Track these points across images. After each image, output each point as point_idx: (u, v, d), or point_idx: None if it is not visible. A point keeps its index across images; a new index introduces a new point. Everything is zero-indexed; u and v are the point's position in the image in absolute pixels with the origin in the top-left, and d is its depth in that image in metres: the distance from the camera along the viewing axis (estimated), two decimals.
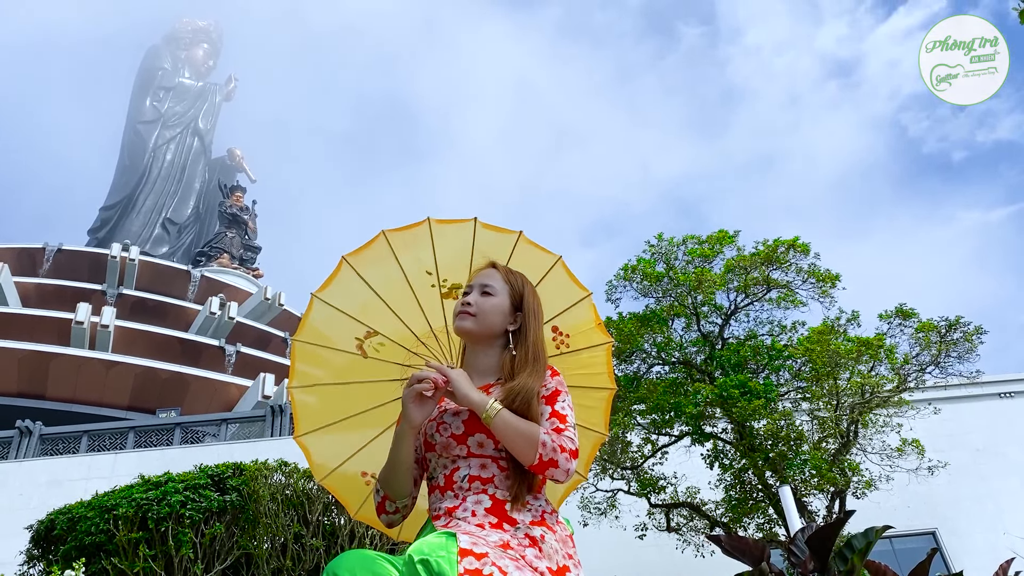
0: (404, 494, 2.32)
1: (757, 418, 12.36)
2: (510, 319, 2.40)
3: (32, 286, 33.24)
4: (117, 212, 48.87)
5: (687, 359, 14.10)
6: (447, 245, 2.66)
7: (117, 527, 2.89)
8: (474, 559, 1.85)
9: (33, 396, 27.02)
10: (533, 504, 2.19)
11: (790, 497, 8.53)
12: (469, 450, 2.21)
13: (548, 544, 2.06)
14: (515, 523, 2.09)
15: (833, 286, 13.42)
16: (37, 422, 19.71)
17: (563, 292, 2.70)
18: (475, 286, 2.43)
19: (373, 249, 2.66)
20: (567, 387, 2.34)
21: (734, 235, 14.06)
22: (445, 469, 2.24)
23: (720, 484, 13.70)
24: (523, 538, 2.05)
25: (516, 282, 2.46)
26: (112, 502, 2.97)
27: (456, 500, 2.16)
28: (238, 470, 3.06)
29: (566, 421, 2.19)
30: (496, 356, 2.40)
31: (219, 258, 43.48)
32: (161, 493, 2.94)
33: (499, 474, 2.18)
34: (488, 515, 2.09)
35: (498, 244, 2.65)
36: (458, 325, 2.39)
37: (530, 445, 2.09)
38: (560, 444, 2.11)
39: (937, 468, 12.98)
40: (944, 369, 13.01)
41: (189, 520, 2.83)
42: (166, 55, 57.38)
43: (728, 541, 3.53)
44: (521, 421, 2.13)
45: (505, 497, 2.14)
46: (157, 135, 51.70)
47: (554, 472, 2.10)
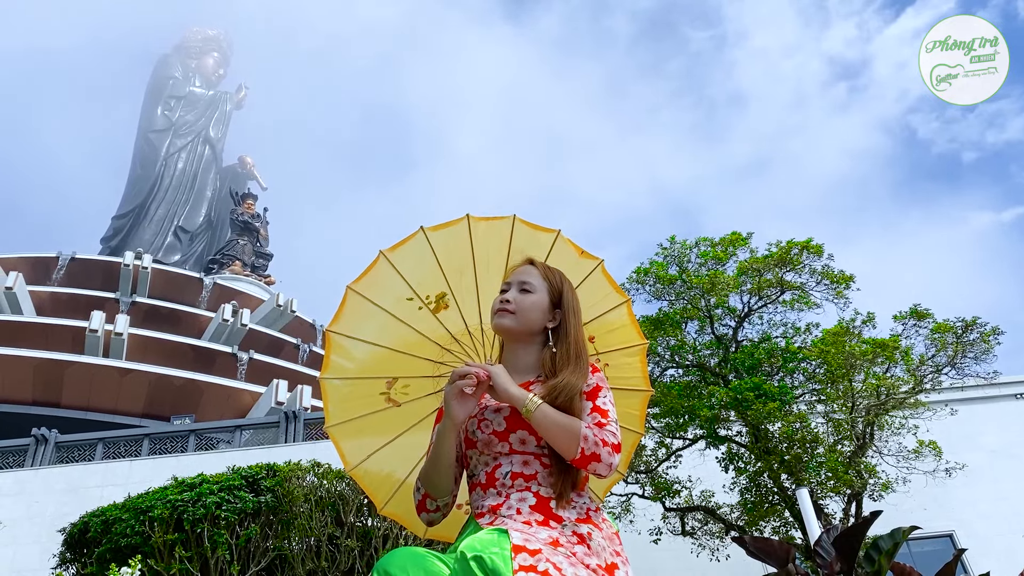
0: (445, 492, 2.30)
1: (772, 420, 12.31)
2: (549, 316, 2.38)
3: (46, 295, 33.43)
4: (129, 221, 49.13)
5: (701, 362, 14.07)
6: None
7: (153, 529, 2.90)
8: (528, 555, 1.84)
9: (48, 404, 27.15)
10: (577, 501, 2.16)
11: (808, 500, 8.51)
12: (511, 447, 2.19)
13: (596, 541, 2.04)
14: (561, 520, 2.07)
15: (847, 287, 13.37)
16: (53, 430, 19.79)
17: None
18: (513, 283, 2.41)
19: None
20: None
21: (747, 237, 14.01)
22: (487, 466, 2.22)
23: (735, 487, 13.65)
24: (571, 535, 2.03)
25: (555, 279, 2.43)
26: (147, 504, 2.97)
27: (500, 497, 2.14)
28: (271, 471, 3.06)
29: (608, 416, 2.17)
30: (535, 354, 2.37)
31: (231, 265, 43.61)
32: (196, 494, 2.94)
33: (542, 471, 2.16)
34: (534, 512, 2.07)
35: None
36: (497, 322, 2.36)
37: (572, 439, 2.08)
38: (602, 438, 2.09)
39: (954, 470, 12.91)
40: (960, 370, 12.94)
41: (224, 521, 2.83)
42: (176, 64, 57.68)
43: (753, 543, 3.51)
44: (562, 415, 2.11)
45: (549, 494, 2.12)
46: (168, 144, 51.97)
47: (596, 466, 2.08)
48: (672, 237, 14.17)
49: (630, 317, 2.72)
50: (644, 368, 2.75)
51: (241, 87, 58.87)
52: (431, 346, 2.71)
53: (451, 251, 2.66)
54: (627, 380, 2.75)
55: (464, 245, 2.64)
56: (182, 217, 49.52)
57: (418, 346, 2.70)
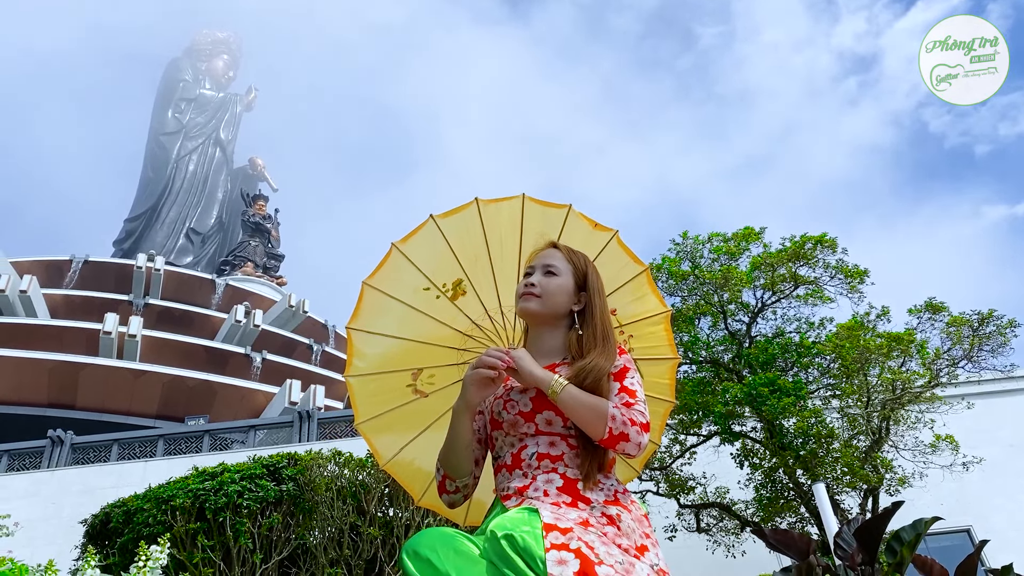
0: (464, 473, 2.28)
1: (787, 416, 12.25)
2: (575, 299, 2.35)
3: (60, 297, 33.62)
4: (142, 223, 49.35)
5: (715, 358, 14.01)
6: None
7: (175, 518, 2.89)
8: (559, 533, 1.82)
9: (63, 406, 27.30)
10: (605, 483, 2.14)
11: (824, 494, 8.44)
12: (537, 428, 2.17)
13: (625, 523, 2.02)
14: (589, 502, 2.05)
15: (861, 282, 13.28)
16: (68, 431, 19.91)
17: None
18: (537, 267, 2.38)
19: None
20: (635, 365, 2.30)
21: (760, 232, 13.94)
22: (512, 447, 2.20)
23: (750, 483, 13.58)
24: (600, 516, 2.01)
25: (579, 261, 2.41)
26: (168, 493, 2.98)
27: (526, 479, 2.11)
28: (293, 460, 3.06)
29: (636, 396, 2.14)
30: (561, 337, 2.35)
31: (243, 267, 43.76)
32: (218, 483, 2.94)
33: (568, 452, 2.13)
34: (561, 494, 2.04)
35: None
36: (522, 306, 2.34)
37: (599, 418, 2.05)
38: (630, 417, 2.06)
39: (971, 464, 12.81)
40: (977, 363, 12.83)
41: (246, 510, 2.83)
42: (187, 67, 57.88)
43: (773, 535, 3.49)
44: (589, 395, 2.09)
45: (576, 476, 2.09)
46: (179, 146, 52.18)
47: (625, 446, 2.05)
48: (684, 233, 14.12)
49: (650, 286, 2.69)
50: (670, 335, 2.72)
51: (251, 89, 59.05)
52: (453, 334, 2.69)
53: (463, 236, 2.64)
54: (654, 349, 2.72)
55: (475, 229, 2.62)
56: (194, 219, 49.71)
57: (439, 335, 2.68)
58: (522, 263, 2.61)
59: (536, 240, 2.54)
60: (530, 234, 2.61)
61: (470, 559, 1.85)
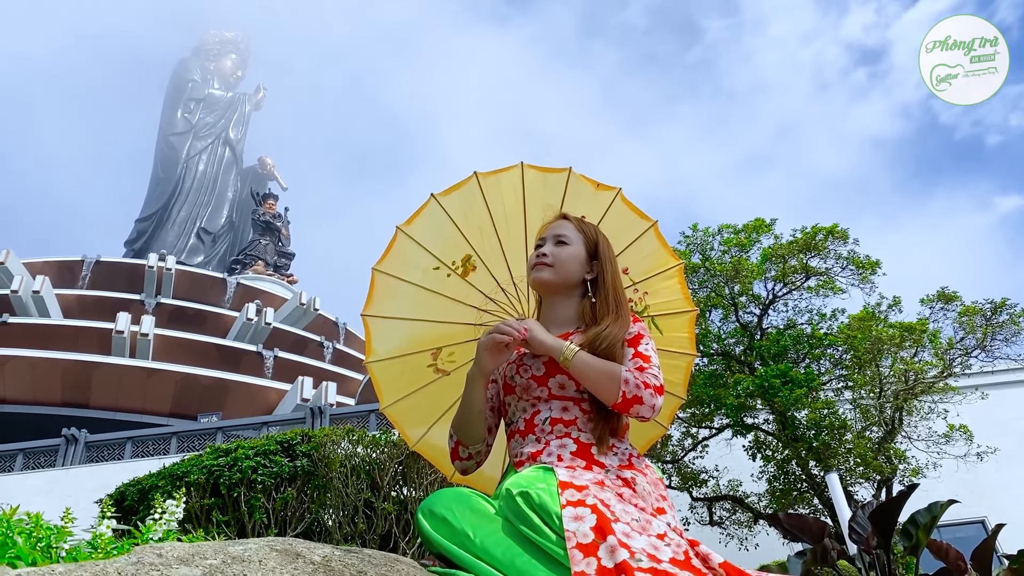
0: (477, 439, 2.28)
1: (799, 408, 12.20)
2: (587, 268, 2.35)
3: (73, 298, 33.81)
4: (152, 223, 49.55)
5: (726, 350, 13.96)
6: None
7: (189, 494, 2.92)
8: (575, 491, 1.82)
9: (77, 405, 27.48)
10: (619, 447, 2.14)
11: (838, 484, 8.42)
12: (550, 392, 2.17)
13: (641, 486, 2.01)
14: (604, 466, 2.04)
15: (873, 272, 13.20)
16: (82, 430, 20.04)
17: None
18: (548, 238, 2.38)
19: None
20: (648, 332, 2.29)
21: (771, 223, 13.87)
22: (525, 412, 2.20)
23: (763, 476, 13.55)
24: (615, 479, 2.01)
25: (589, 230, 2.41)
26: (183, 470, 3.00)
27: (539, 444, 2.11)
28: (307, 437, 3.08)
29: (650, 361, 2.13)
30: (574, 306, 2.35)
31: (254, 265, 43.90)
32: (232, 460, 2.96)
33: (581, 416, 2.13)
34: (575, 458, 2.04)
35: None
36: (535, 276, 2.34)
37: (612, 382, 2.04)
38: (643, 380, 2.05)
39: (985, 454, 12.74)
40: (990, 353, 12.76)
41: (260, 486, 2.85)
42: (195, 67, 58.01)
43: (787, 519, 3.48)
44: (601, 360, 2.08)
45: (589, 440, 2.09)
46: (189, 146, 52.33)
47: (639, 408, 2.04)
48: (694, 225, 14.06)
49: (660, 240, 2.67)
50: (684, 288, 2.69)
51: (259, 88, 59.12)
52: (467, 309, 2.69)
53: (466, 211, 2.63)
54: (670, 303, 2.70)
55: (478, 203, 2.61)
56: (204, 218, 49.87)
57: (455, 312, 2.68)
58: (529, 231, 2.62)
59: (540, 207, 2.54)
60: (533, 202, 2.61)
61: (486, 517, 1.86)
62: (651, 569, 1.57)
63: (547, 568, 1.69)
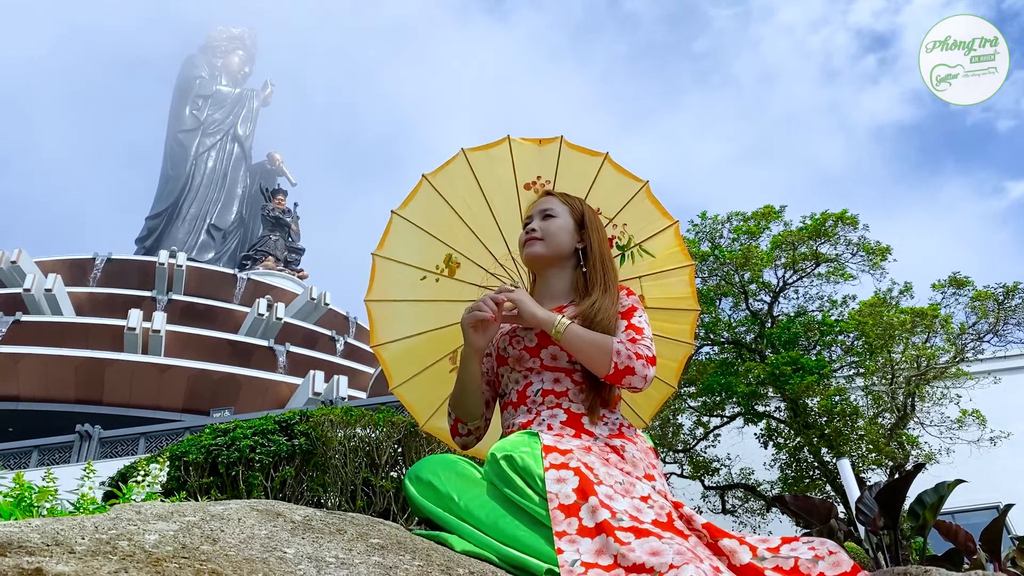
0: (475, 416, 2.30)
1: (810, 395, 12.18)
2: (577, 237, 2.38)
3: (85, 295, 33.99)
4: (163, 221, 49.69)
5: (736, 338, 13.93)
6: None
7: (188, 474, 2.94)
8: (559, 454, 1.83)
9: (91, 402, 27.64)
10: (610, 418, 2.15)
11: (849, 470, 8.40)
12: (542, 363, 2.19)
13: (630, 454, 2.03)
14: (593, 435, 2.06)
15: (884, 258, 13.14)
16: (96, 426, 20.18)
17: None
18: (535, 214, 2.41)
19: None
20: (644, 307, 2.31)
21: (780, 210, 13.82)
22: (517, 384, 2.21)
23: (775, 463, 13.53)
24: (604, 447, 2.02)
25: (574, 202, 2.45)
26: (182, 450, 3.02)
27: (530, 415, 2.12)
28: (305, 416, 3.10)
29: (643, 333, 2.14)
30: (568, 278, 2.37)
31: (264, 261, 44.03)
32: (230, 439, 2.97)
33: (573, 388, 2.14)
34: (565, 427, 2.05)
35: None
36: (528, 252, 2.36)
37: (604, 354, 2.05)
38: (635, 351, 2.06)
39: (999, 439, 12.68)
40: (1003, 337, 12.69)
41: (259, 464, 2.87)
42: (203, 64, 58.05)
43: (794, 501, 3.48)
44: (592, 332, 2.09)
45: (580, 410, 2.11)
46: (198, 143, 52.42)
47: (631, 379, 2.05)
48: (703, 213, 14.02)
49: (652, 201, 2.65)
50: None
51: (267, 84, 59.16)
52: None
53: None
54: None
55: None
56: (214, 215, 50.00)
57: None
58: (523, 205, 2.62)
59: (533, 178, 2.56)
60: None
61: (471, 481, 1.89)
62: (632, 528, 1.57)
63: (529, 528, 1.71)
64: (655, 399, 2.79)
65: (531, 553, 1.65)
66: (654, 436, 14.08)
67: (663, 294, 2.69)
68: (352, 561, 1.12)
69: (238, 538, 1.10)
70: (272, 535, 1.16)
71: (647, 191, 2.63)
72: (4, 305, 30.68)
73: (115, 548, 0.93)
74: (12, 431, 26.59)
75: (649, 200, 2.64)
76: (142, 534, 1.02)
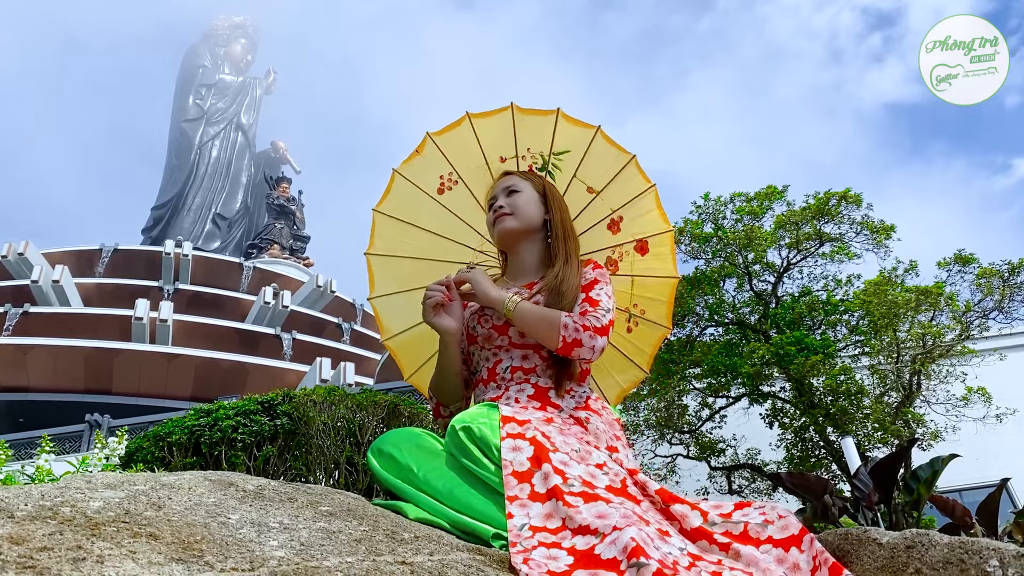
0: (455, 398, 2.35)
1: (815, 374, 12.15)
2: (543, 209, 2.45)
3: (92, 286, 34.11)
4: (168, 210, 49.77)
5: (741, 319, 13.90)
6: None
7: (172, 453, 2.96)
8: (516, 425, 1.87)
9: (100, 391, 27.78)
10: (576, 391, 2.20)
11: (852, 448, 8.40)
12: (511, 341, 2.23)
13: (594, 425, 2.08)
14: (559, 408, 2.12)
15: (888, 237, 13.09)
16: (105, 415, 20.31)
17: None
18: (498, 193, 2.47)
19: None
20: (609, 278, 2.33)
21: (783, 190, 13.75)
22: (488, 362, 2.27)
23: (781, 443, 13.54)
24: (567, 418, 2.07)
25: (534, 176, 2.52)
26: (166, 431, 3.05)
27: (499, 390, 2.18)
28: (288, 397, 3.12)
29: (598, 305, 2.18)
30: (537, 252, 2.43)
31: (270, 249, 44.09)
32: (213, 419, 3.00)
33: (541, 364, 2.20)
34: (531, 401, 2.11)
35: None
36: (500, 228, 2.41)
37: (552, 328, 2.10)
38: (583, 324, 2.10)
39: (1005, 416, 12.65)
40: (1008, 314, 12.64)
41: (241, 444, 2.89)
42: (205, 53, 57.93)
43: (789, 478, 3.48)
44: (541, 308, 2.15)
45: (548, 384, 2.16)
46: (202, 132, 52.40)
47: (580, 351, 2.10)
48: (706, 194, 13.95)
49: (638, 168, 2.65)
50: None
51: (269, 72, 59.00)
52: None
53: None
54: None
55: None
56: (219, 204, 50.04)
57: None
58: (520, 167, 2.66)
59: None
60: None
61: (432, 453, 1.92)
62: (582, 493, 1.60)
63: (484, 496, 1.75)
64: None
65: (483, 519, 1.69)
66: (659, 418, 14.11)
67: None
68: (295, 526, 1.13)
69: (184, 505, 1.12)
70: (220, 503, 1.17)
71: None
72: (12, 297, 30.80)
73: (56, 514, 0.94)
74: (23, 422, 26.80)
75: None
76: (87, 501, 1.03)
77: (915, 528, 1.52)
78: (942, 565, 1.15)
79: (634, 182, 2.61)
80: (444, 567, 1.10)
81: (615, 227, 2.63)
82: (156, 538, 0.93)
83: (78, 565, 0.78)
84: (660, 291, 2.66)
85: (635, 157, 2.60)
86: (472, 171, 2.66)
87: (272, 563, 0.91)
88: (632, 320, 2.67)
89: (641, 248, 2.63)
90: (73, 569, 0.77)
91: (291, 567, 0.91)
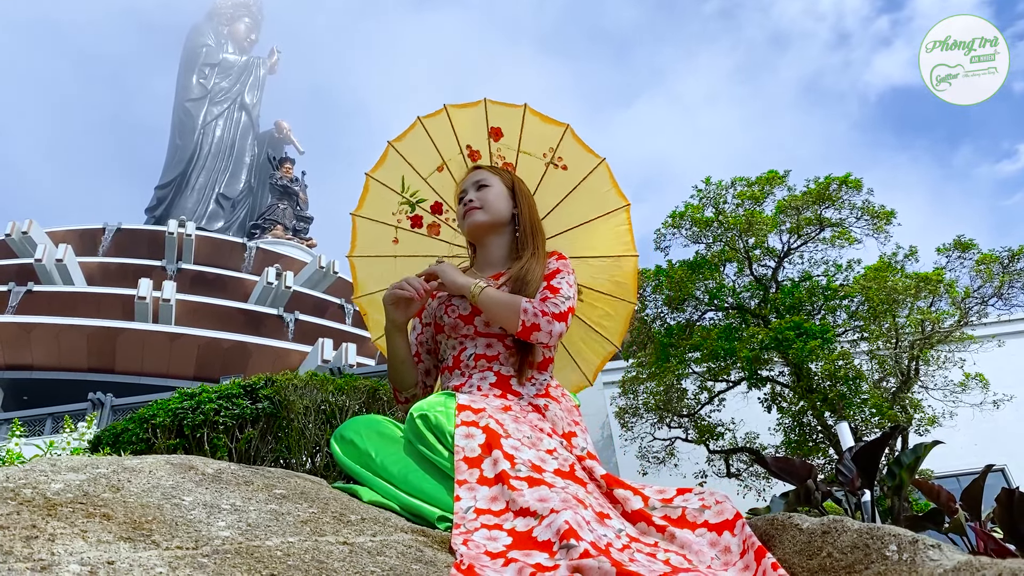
0: (410, 384, 2.41)
1: (814, 359, 12.18)
2: (512, 203, 2.51)
3: (95, 265, 34.17)
4: (172, 190, 49.74)
5: (740, 304, 13.92)
6: (465, 129, 2.67)
7: (156, 435, 3.02)
8: (471, 412, 1.93)
9: (103, 370, 27.91)
10: (538, 378, 2.26)
11: (848, 433, 8.45)
12: (476, 329, 2.29)
13: (552, 412, 2.14)
14: (519, 395, 2.18)
15: (888, 222, 13.09)
16: (108, 394, 20.42)
17: (579, 161, 2.68)
18: (468, 188, 2.52)
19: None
20: (572, 268, 2.38)
21: (784, 175, 13.74)
22: (453, 350, 2.32)
23: (779, 428, 13.59)
24: (526, 406, 2.14)
25: (503, 171, 2.59)
26: (150, 413, 3.11)
27: (463, 378, 2.24)
28: (270, 381, 3.18)
29: (558, 292, 2.23)
30: (505, 245, 2.49)
31: (273, 230, 44.13)
32: (195, 402, 3.05)
33: (504, 352, 2.26)
34: (493, 388, 2.17)
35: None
36: (470, 222, 2.46)
37: (513, 312, 2.15)
38: (542, 309, 2.16)
39: (1002, 402, 12.69)
40: (1007, 301, 12.65)
41: (223, 426, 2.95)
42: (209, 32, 57.67)
43: (774, 462, 3.52)
44: (505, 294, 2.21)
45: (510, 372, 2.22)
46: (205, 112, 52.26)
47: (537, 335, 2.15)
48: (707, 178, 13.94)
49: (611, 179, 2.69)
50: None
51: (273, 51, 58.81)
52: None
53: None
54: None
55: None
56: (223, 184, 49.99)
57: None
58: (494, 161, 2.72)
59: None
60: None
61: (390, 439, 1.99)
62: (528, 478, 1.67)
63: (436, 481, 1.82)
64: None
65: (433, 503, 1.76)
66: (659, 402, 14.18)
67: None
68: (246, 508, 1.17)
69: (141, 487, 1.15)
70: (177, 485, 1.21)
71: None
72: (16, 275, 30.91)
73: (17, 495, 0.98)
74: (27, 399, 26.97)
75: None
76: (48, 483, 1.07)
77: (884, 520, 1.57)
78: (850, 549, 1.23)
79: (585, 159, 2.67)
80: (384, 547, 1.14)
81: None
82: (109, 518, 0.97)
83: (29, 543, 0.82)
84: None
85: (569, 127, 2.65)
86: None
87: (216, 542, 0.95)
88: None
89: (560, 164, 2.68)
90: (24, 546, 0.80)
91: (233, 546, 0.95)
